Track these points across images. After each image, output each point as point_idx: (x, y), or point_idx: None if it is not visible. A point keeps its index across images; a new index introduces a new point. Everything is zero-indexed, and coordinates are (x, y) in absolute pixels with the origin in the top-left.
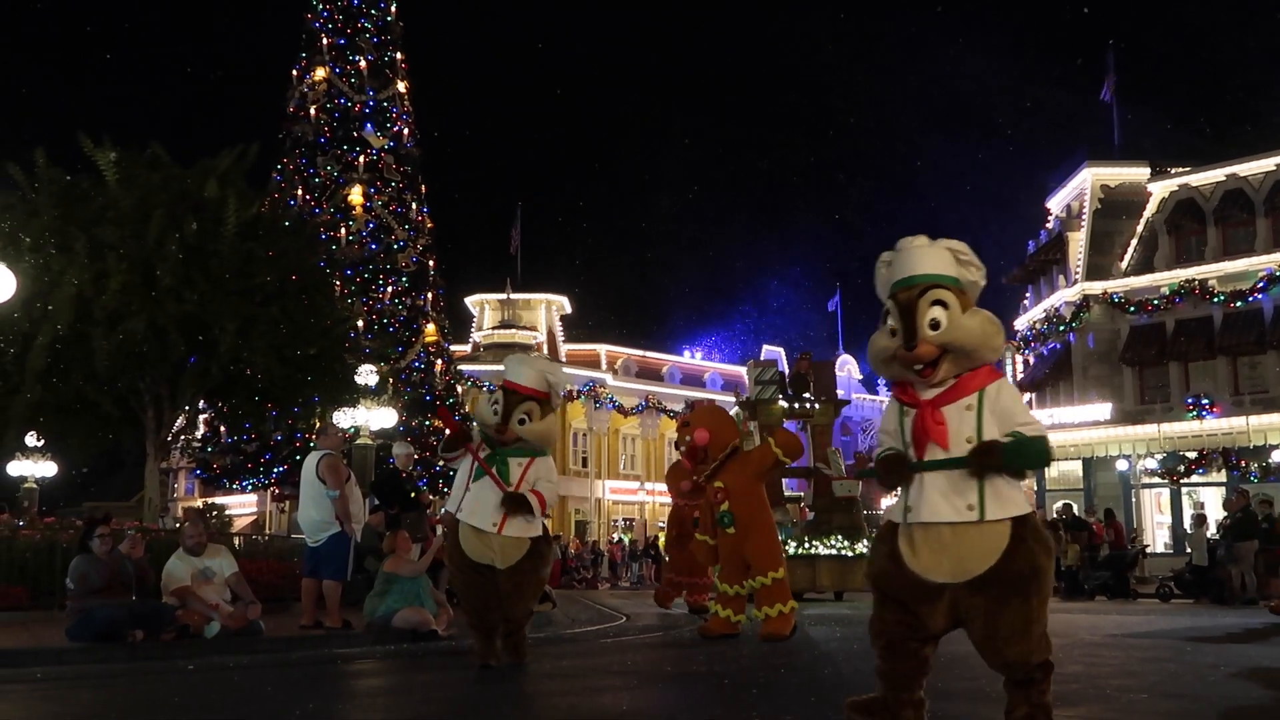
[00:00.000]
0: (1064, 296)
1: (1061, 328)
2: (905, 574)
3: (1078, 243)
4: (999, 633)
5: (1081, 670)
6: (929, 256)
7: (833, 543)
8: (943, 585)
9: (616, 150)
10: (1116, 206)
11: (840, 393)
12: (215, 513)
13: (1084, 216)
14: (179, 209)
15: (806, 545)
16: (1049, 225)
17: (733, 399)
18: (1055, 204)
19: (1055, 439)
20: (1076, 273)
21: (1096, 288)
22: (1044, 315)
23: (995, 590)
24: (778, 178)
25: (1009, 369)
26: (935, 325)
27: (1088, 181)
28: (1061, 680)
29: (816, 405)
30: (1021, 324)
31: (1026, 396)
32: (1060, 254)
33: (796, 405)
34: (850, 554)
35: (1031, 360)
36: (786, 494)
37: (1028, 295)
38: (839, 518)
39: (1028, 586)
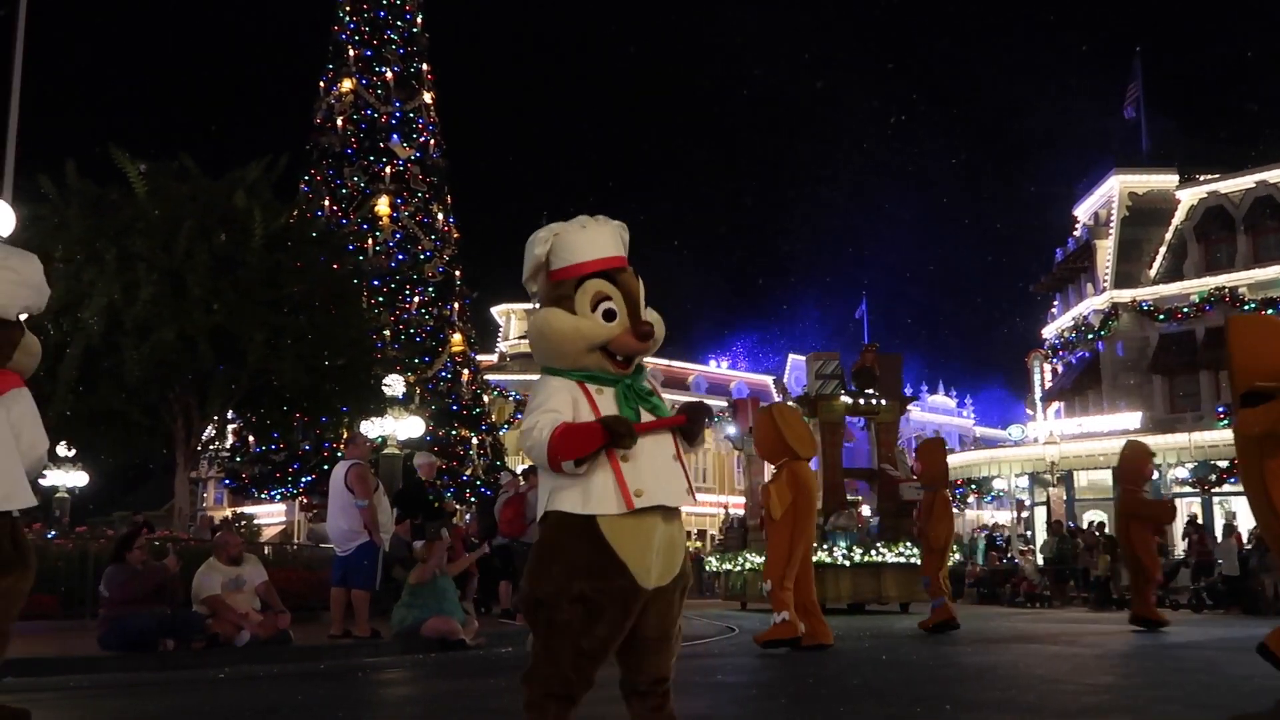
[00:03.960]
0: (1092, 305)
1: (1090, 336)
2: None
3: (1106, 250)
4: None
5: (1113, 681)
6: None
7: (901, 550)
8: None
9: (640, 157)
10: (1145, 214)
11: None
12: (244, 522)
13: (1112, 224)
14: (208, 220)
15: (871, 553)
16: (1077, 233)
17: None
18: (1083, 212)
19: (1084, 448)
20: (1105, 281)
21: (1125, 295)
22: (1072, 323)
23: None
24: (802, 185)
25: (1036, 377)
26: None
27: (1115, 189)
28: (1093, 691)
29: (882, 402)
30: (1049, 332)
31: (1055, 405)
32: (1088, 262)
33: (860, 401)
34: (919, 562)
35: (1060, 369)
36: (849, 497)
37: (1055, 303)
38: (906, 522)
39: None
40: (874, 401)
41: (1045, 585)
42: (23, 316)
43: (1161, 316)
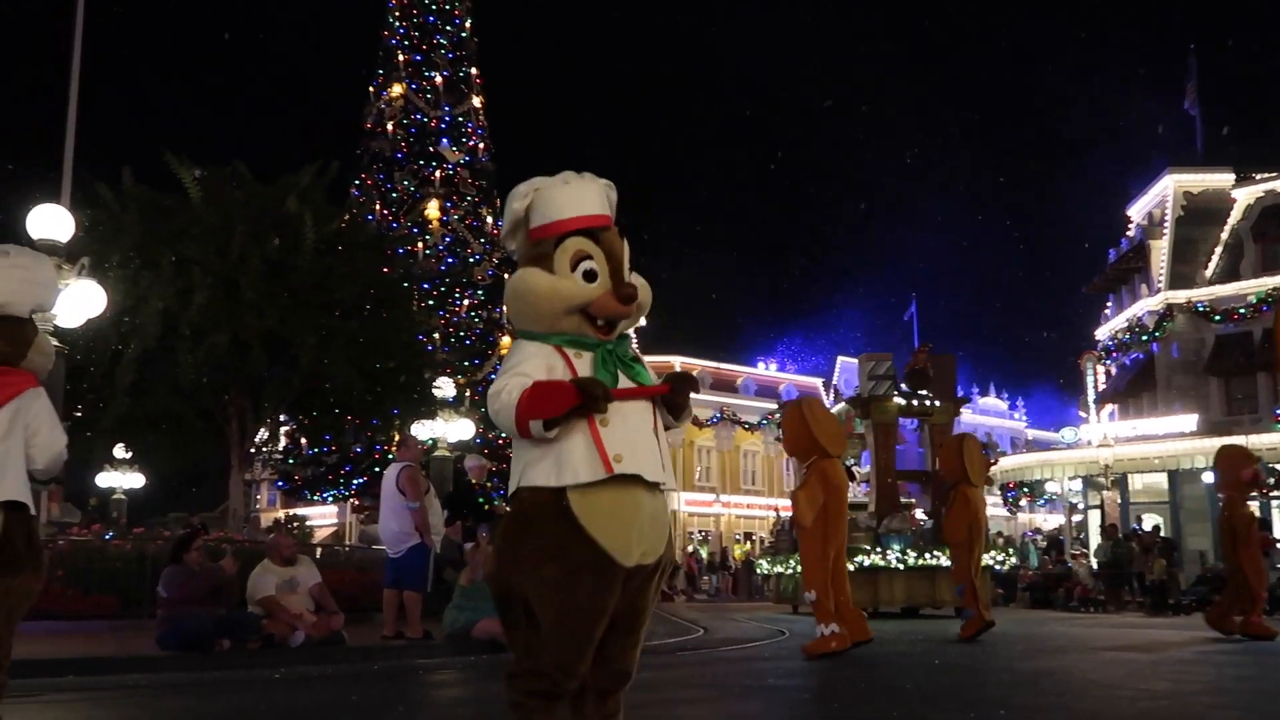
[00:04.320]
0: (1147, 305)
1: (1144, 337)
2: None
3: (1160, 250)
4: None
5: (1170, 687)
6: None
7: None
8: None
9: (687, 160)
10: (1200, 214)
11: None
12: (296, 524)
13: (1166, 224)
14: (261, 225)
15: (925, 556)
16: (1130, 233)
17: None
18: (1136, 212)
19: (1139, 451)
20: (1159, 281)
21: (1180, 296)
22: (1126, 325)
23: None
24: (850, 187)
25: (1089, 379)
26: None
27: (1169, 188)
28: (1149, 697)
29: (936, 403)
30: (1103, 334)
31: (1109, 408)
32: (1142, 262)
33: (914, 402)
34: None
35: (1113, 370)
36: (902, 500)
37: (1109, 304)
38: None
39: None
40: (928, 403)
41: (1099, 590)
42: (35, 315)
43: (1218, 317)
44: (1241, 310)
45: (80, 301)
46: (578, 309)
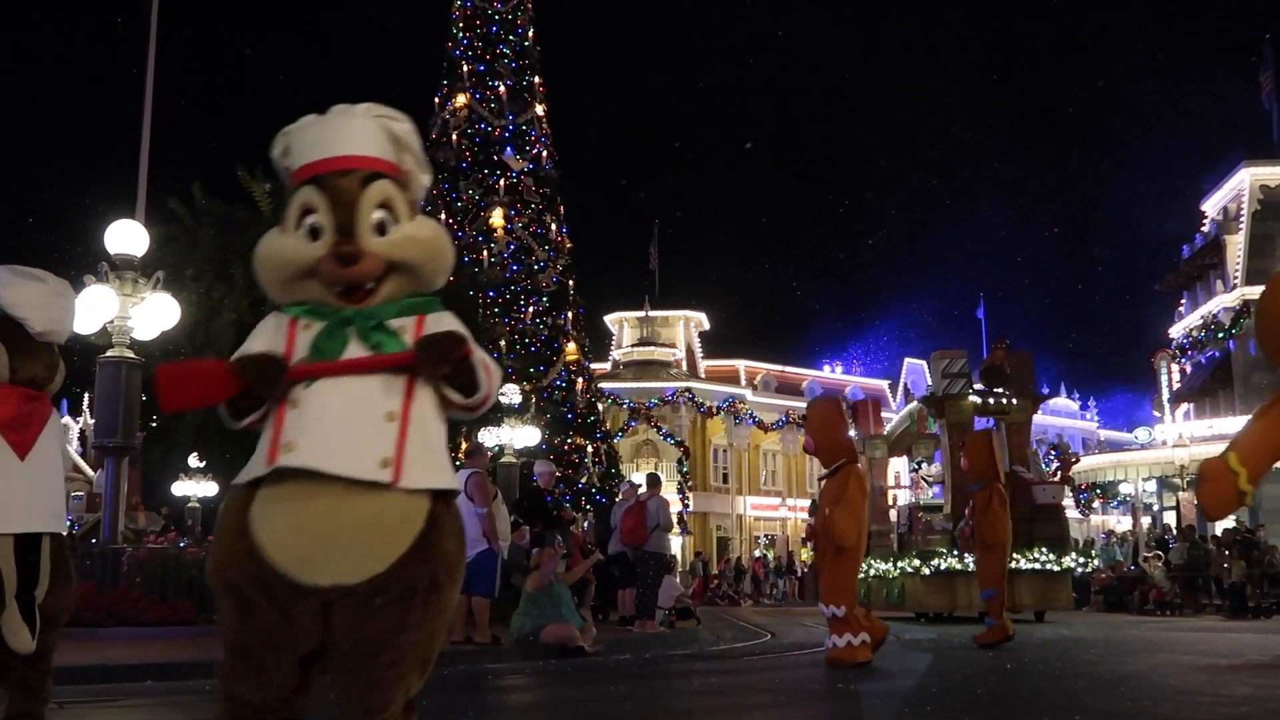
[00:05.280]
0: (1222, 302)
1: (1220, 335)
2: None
3: (1236, 246)
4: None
5: (1250, 693)
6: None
7: (1035, 556)
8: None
9: (753, 164)
10: (1277, 207)
11: None
12: None
13: (1242, 219)
14: None
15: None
16: (1204, 229)
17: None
18: (1211, 206)
19: (1216, 451)
20: (1235, 277)
21: (1258, 292)
22: (1201, 322)
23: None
24: (918, 186)
25: (1163, 378)
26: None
27: (1245, 182)
28: (1229, 703)
29: (1013, 401)
30: (1177, 331)
31: (1184, 407)
32: (1217, 258)
33: (990, 400)
34: (1056, 568)
35: (1188, 369)
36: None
37: (1183, 302)
38: (1041, 527)
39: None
40: (1004, 401)
41: (1176, 592)
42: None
43: None
44: None
45: (155, 314)
46: (302, 273)
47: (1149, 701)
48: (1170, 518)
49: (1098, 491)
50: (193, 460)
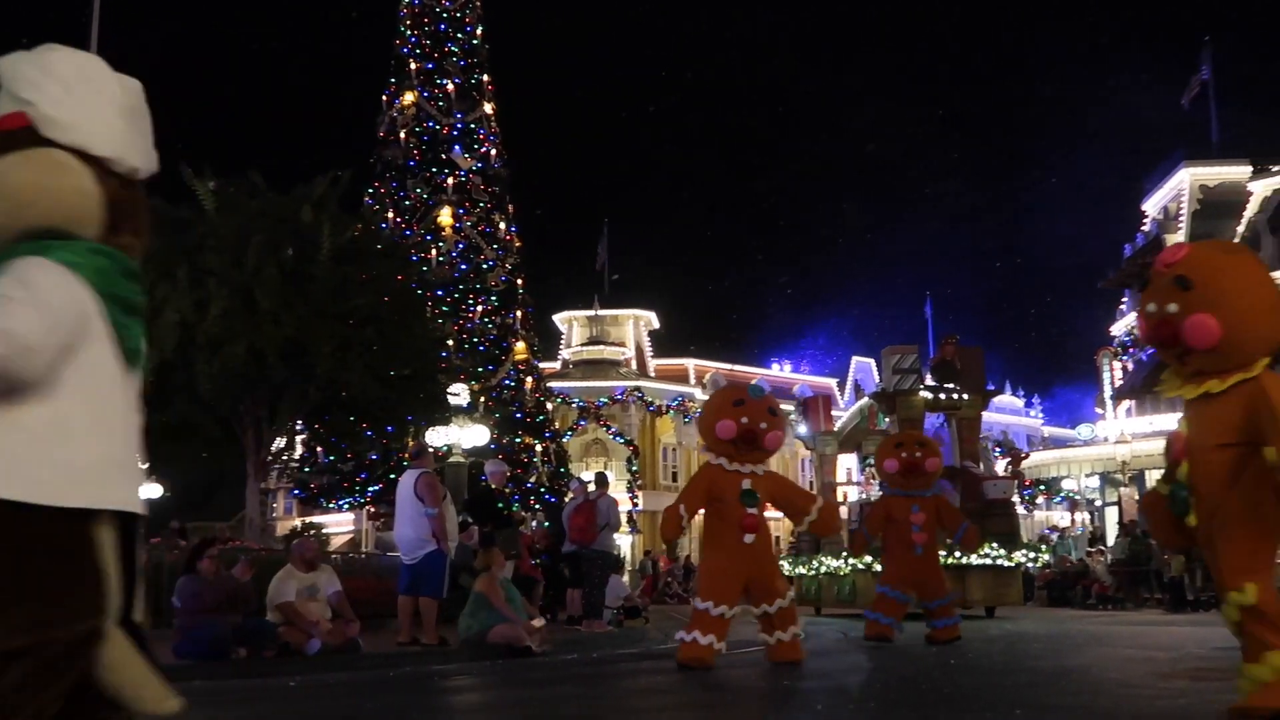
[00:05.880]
0: None
1: None
2: None
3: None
4: None
5: (1188, 685)
6: None
7: (986, 552)
8: None
9: (702, 164)
10: (1216, 207)
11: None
12: (314, 532)
13: (1182, 218)
14: (276, 235)
15: (956, 555)
16: (1145, 228)
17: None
18: (1152, 206)
19: (1157, 447)
20: None
21: None
22: None
23: None
24: (865, 187)
25: (1106, 376)
26: None
27: (1185, 182)
28: (1169, 696)
29: (964, 397)
30: (1119, 329)
31: (1126, 404)
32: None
33: (941, 396)
34: (1006, 564)
35: (1130, 367)
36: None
37: (1125, 300)
38: (992, 523)
39: None
40: (955, 396)
41: (1117, 587)
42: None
43: None
44: None
45: None
46: None
47: (1090, 695)
48: (1112, 513)
49: (1041, 488)
50: None
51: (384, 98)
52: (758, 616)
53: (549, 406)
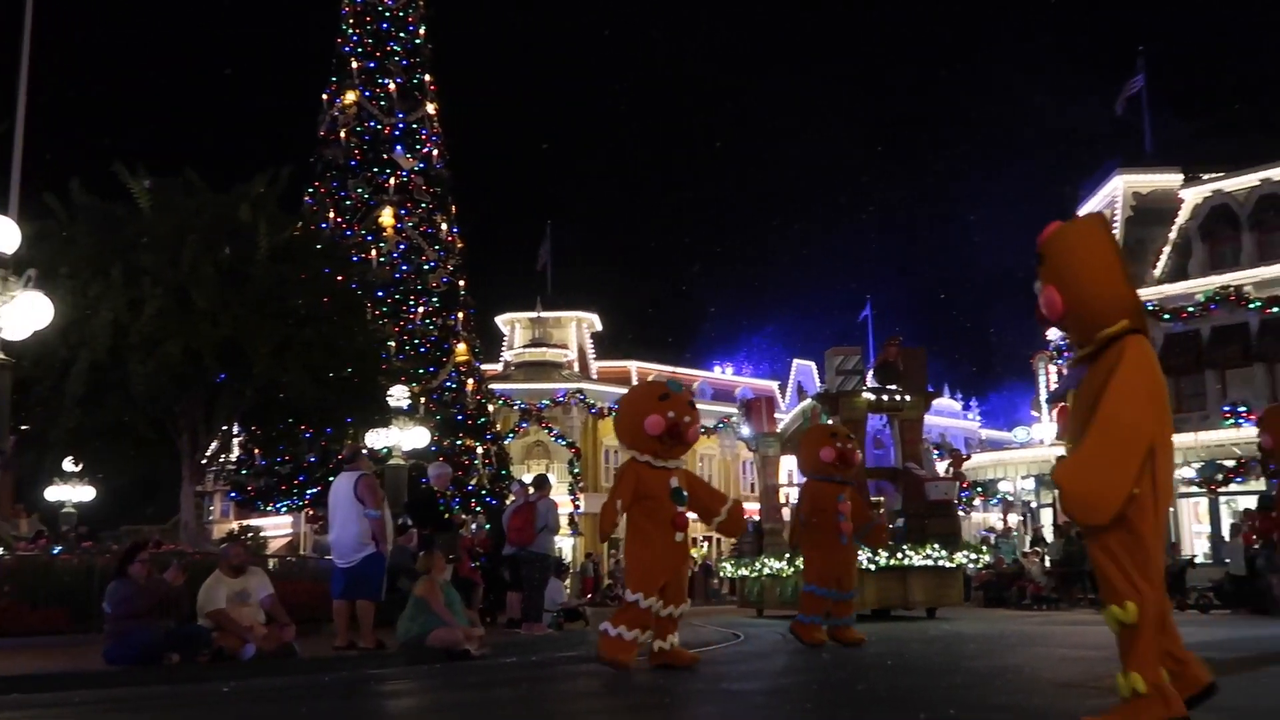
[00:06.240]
0: None
1: None
2: None
3: None
4: None
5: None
6: None
7: (928, 552)
8: None
9: (645, 167)
10: (1149, 214)
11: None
12: (250, 535)
13: (1116, 224)
14: (213, 234)
15: (898, 556)
16: None
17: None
18: (1086, 212)
19: None
20: None
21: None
22: None
23: None
24: (807, 192)
25: (1042, 379)
26: None
27: (1119, 189)
28: (1100, 694)
29: (906, 398)
30: (1054, 333)
31: (1059, 406)
32: None
33: (884, 398)
34: (948, 565)
35: (1064, 370)
36: (871, 498)
37: None
38: (934, 524)
39: None
40: (898, 398)
41: (1052, 587)
42: None
43: (1167, 316)
44: (1190, 309)
45: (27, 313)
46: None
47: (1024, 694)
48: (1047, 514)
49: (978, 490)
50: (68, 464)
51: (325, 96)
52: (661, 617)
53: (490, 408)
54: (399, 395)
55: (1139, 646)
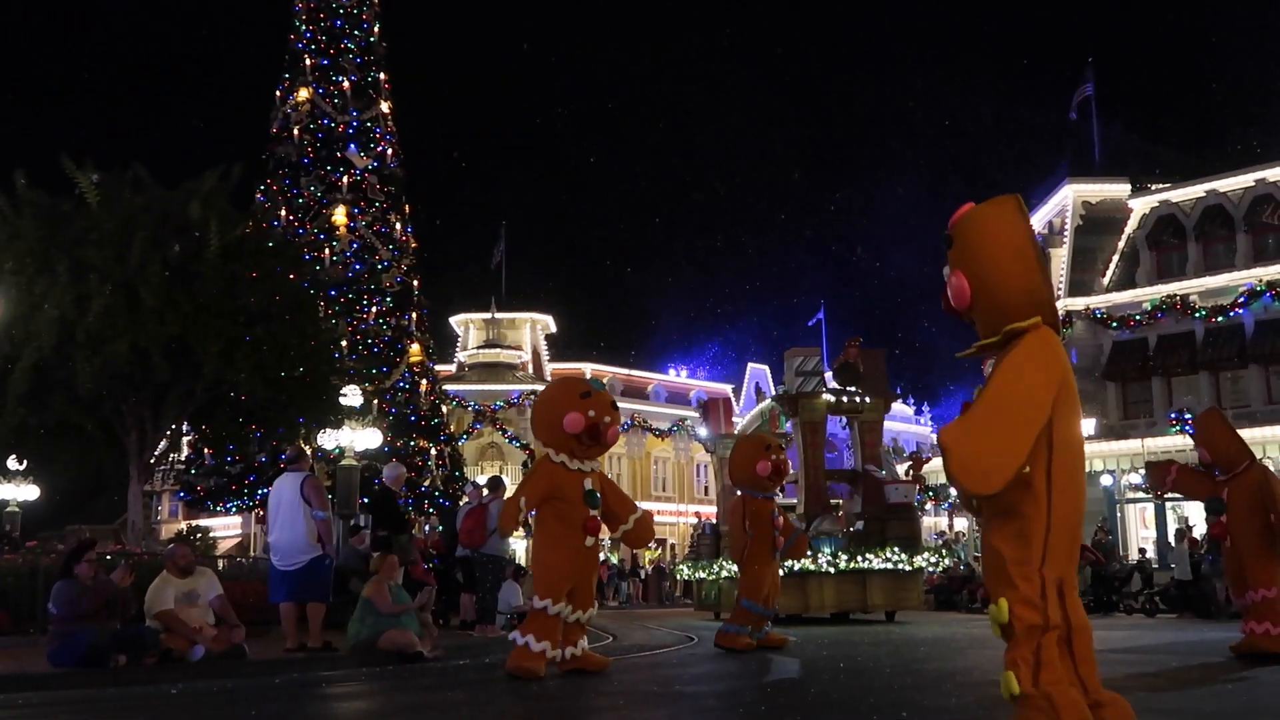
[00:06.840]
0: None
1: None
2: None
3: (1060, 259)
4: None
5: None
6: None
7: (887, 555)
8: None
9: (601, 168)
10: (1098, 223)
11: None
12: (199, 535)
13: (1066, 233)
14: (162, 231)
15: (858, 560)
16: None
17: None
18: (1038, 221)
19: None
20: (1059, 289)
21: (1079, 304)
22: None
23: None
24: (760, 197)
25: None
26: None
27: (1069, 198)
28: None
29: (866, 400)
30: None
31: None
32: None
33: (844, 399)
34: (907, 568)
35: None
36: (832, 500)
37: None
38: (894, 526)
39: None
40: (858, 399)
41: None
42: None
43: (1114, 324)
44: (1137, 317)
45: None
46: None
47: (972, 697)
48: None
49: (930, 494)
50: (11, 462)
51: (277, 93)
52: (569, 622)
53: (444, 409)
54: (352, 395)
55: (1013, 646)
